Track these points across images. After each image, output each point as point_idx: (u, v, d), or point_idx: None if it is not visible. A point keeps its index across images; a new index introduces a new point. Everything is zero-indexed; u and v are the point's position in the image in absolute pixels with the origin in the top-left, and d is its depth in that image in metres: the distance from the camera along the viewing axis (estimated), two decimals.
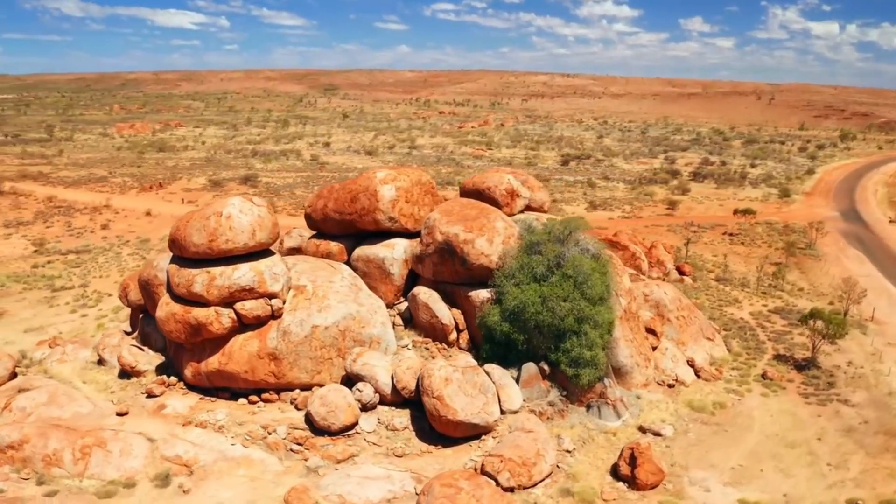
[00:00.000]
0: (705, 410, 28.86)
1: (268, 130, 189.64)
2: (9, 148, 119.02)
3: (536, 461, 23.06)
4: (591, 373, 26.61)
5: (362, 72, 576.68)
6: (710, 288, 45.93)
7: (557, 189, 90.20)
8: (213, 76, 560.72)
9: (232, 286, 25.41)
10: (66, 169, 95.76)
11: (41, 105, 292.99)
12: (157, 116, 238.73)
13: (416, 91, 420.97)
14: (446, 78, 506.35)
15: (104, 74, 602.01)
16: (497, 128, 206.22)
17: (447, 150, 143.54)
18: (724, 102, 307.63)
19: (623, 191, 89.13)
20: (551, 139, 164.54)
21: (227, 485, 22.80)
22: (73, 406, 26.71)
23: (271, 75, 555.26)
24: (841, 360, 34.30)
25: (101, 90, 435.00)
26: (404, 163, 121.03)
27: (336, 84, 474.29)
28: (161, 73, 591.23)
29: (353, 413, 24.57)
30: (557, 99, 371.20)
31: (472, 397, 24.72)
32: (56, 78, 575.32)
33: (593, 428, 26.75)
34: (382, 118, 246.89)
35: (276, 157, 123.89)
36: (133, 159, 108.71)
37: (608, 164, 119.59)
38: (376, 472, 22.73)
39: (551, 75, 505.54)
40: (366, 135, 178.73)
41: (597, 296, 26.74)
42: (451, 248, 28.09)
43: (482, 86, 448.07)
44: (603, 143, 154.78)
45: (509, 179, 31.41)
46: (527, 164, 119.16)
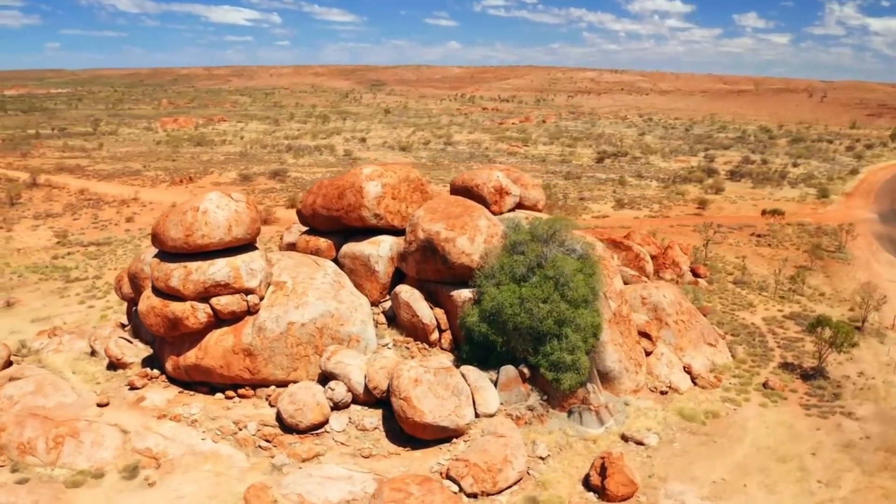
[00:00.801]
0: (696, 419, 27.71)
1: (308, 126, 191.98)
2: (53, 141, 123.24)
3: (503, 467, 22.42)
4: (572, 377, 25.78)
5: (409, 68, 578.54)
6: (726, 291, 44.27)
7: (587, 187, 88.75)
8: (263, 72, 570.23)
9: (207, 281, 25.45)
10: (104, 162, 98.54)
11: (93, 100, 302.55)
12: (202, 111, 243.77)
13: (463, 87, 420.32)
14: (493, 74, 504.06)
15: (157, 70, 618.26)
16: (538, 124, 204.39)
17: (482, 147, 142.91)
18: (774, 100, 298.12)
19: (655, 189, 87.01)
20: (591, 136, 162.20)
21: (191, 479, 22.83)
22: (57, 396, 27.19)
23: (319, 71, 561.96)
24: (852, 370, 32.58)
25: (154, 85, 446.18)
26: (436, 158, 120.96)
27: (383, 80, 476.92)
28: (213, 69, 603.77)
29: (322, 412, 24.33)
30: (604, 95, 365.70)
31: (443, 399, 24.21)
32: (110, 73, 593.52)
33: (573, 434, 25.93)
34: (424, 114, 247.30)
35: (310, 153, 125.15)
36: (168, 153, 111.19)
37: (644, 161, 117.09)
38: (338, 472, 22.42)
39: (599, 71, 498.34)
40: (404, 130, 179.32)
41: (579, 298, 25.87)
42: (432, 247, 27.60)
43: (528, 82, 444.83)
44: (643, 141, 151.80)
45: (498, 177, 30.70)
46: (561, 161, 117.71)
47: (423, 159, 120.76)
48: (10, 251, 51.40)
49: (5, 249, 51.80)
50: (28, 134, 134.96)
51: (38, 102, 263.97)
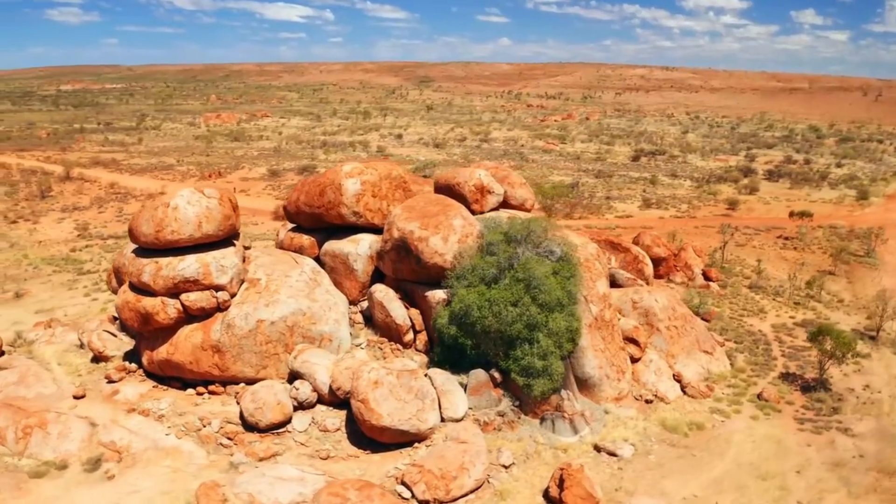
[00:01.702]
0: (678, 431, 26.51)
1: (348, 122, 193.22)
2: (95, 135, 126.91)
3: (458, 475, 21.78)
4: (544, 383, 24.95)
5: (458, 64, 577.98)
6: (739, 295, 42.48)
7: (616, 186, 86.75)
8: (313, 68, 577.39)
9: (176, 277, 25.49)
10: (139, 156, 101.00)
11: (144, 95, 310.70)
12: (248, 107, 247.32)
13: (510, 84, 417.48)
14: (542, 71, 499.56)
15: (211, 66, 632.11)
16: (580, 122, 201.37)
17: (518, 144, 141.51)
18: (827, 98, 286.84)
19: (687, 189, 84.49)
20: (632, 134, 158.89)
21: (149, 474, 22.89)
22: (38, 387, 27.69)
23: (369, 67, 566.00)
24: (858, 382, 30.81)
25: (206, 81, 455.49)
26: (468, 155, 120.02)
27: (431, 76, 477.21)
28: (265, 65, 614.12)
29: (283, 411, 24.09)
30: (653, 93, 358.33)
31: (404, 402, 23.69)
32: (165, 69, 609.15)
33: (544, 443, 25.09)
34: (467, 111, 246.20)
35: (343, 149, 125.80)
36: (203, 148, 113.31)
37: (682, 160, 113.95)
38: (291, 473, 22.12)
39: (650, 68, 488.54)
40: (443, 127, 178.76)
41: (553, 301, 24.99)
42: (406, 246, 27.09)
43: (577, 79, 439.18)
44: (685, 139, 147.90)
45: (479, 175, 29.92)
46: (595, 159, 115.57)
47: (455, 156, 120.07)
48: (31, 243, 52.98)
49: (27, 241, 53.43)
50: (73, 128, 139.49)
51: (90, 97, 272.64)
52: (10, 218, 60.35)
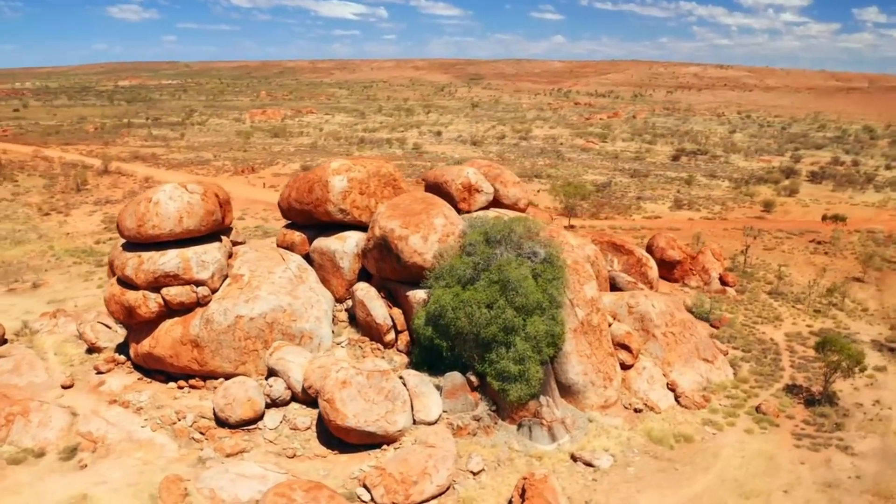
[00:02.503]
0: (664, 443, 25.43)
1: (391, 119, 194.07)
2: (141, 130, 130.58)
3: (419, 479, 21.32)
4: (520, 388, 24.25)
5: (509, 62, 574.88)
6: (756, 302, 40.71)
7: (650, 186, 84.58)
8: (365, 65, 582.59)
9: (157, 271, 25.71)
10: (179, 151, 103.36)
11: (197, 91, 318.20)
12: (296, 104, 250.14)
13: (561, 81, 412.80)
14: (593, 69, 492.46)
15: (265, 63, 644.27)
16: (626, 120, 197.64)
17: (557, 142, 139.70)
18: (886, 98, 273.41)
19: (723, 190, 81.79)
20: (677, 133, 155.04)
21: (119, 465, 23.12)
22: (30, 375, 28.41)
23: (420, 65, 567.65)
24: (868, 397, 29.09)
25: (259, 78, 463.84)
26: (504, 153, 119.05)
27: (482, 74, 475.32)
28: (318, 62, 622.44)
29: (253, 408, 24.04)
30: (705, 91, 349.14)
31: (373, 403, 23.34)
32: (221, 65, 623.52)
33: (519, 450, 24.39)
34: (513, 108, 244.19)
35: (380, 145, 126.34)
36: (241, 144, 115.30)
37: (724, 160, 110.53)
38: (254, 470, 22.04)
39: (703, 66, 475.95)
40: (485, 125, 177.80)
41: (531, 304, 24.26)
42: (387, 244, 26.72)
43: (629, 76, 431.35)
44: (731, 139, 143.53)
45: (467, 173, 29.27)
46: (634, 158, 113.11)
47: (491, 154, 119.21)
48: (59, 235, 54.64)
49: (56, 233, 55.13)
50: (121, 123, 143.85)
51: (144, 93, 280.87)
52: (44, 210, 62.39)
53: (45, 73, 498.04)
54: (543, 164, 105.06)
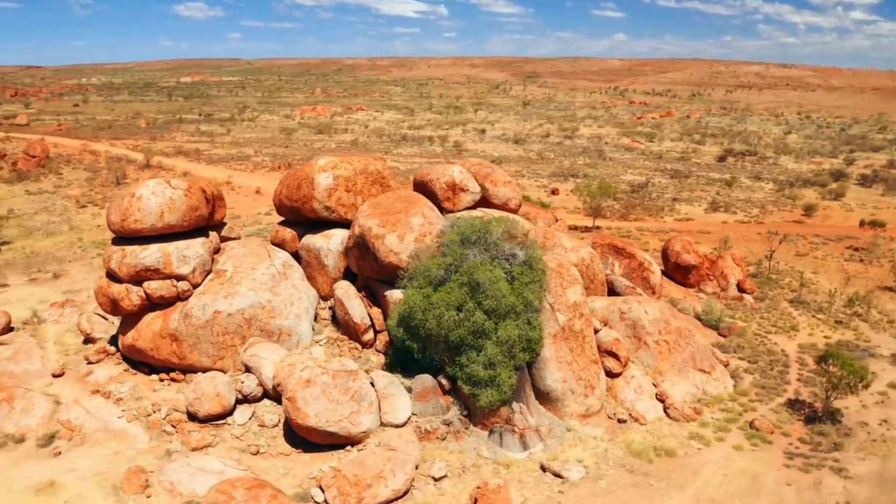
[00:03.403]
0: (643, 456, 24.37)
1: (440, 116, 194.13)
2: (189, 126, 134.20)
3: (373, 483, 20.98)
4: (491, 394, 23.62)
5: (567, 60, 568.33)
6: (775, 310, 38.77)
7: (689, 187, 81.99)
8: (423, 63, 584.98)
9: (138, 265, 26.11)
10: (222, 147, 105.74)
11: (255, 88, 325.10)
12: (348, 101, 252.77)
13: (618, 80, 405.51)
14: (652, 67, 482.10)
15: (325, 60, 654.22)
16: (679, 119, 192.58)
17: (602, 141, 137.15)
18: None
19: (766, 192, 78.62)
20: (729, 133, 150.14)
21: (91, 454, 23.58)
22: (26, 363, 29.32)
23: (477, 62, 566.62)
24: (875, 416, 27.28)
25: (318, 75, 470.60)
26: (544, 152, 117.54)
27: (539, 72, 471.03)
28: (376, 60, 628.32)
29: (221, 403, 24.13)
30: (766, 90, 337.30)
31: (337, 404, 23.11)
32: (282, 62, 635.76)
33: (487, 457, 23.77)
34: (565, 107, 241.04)
35: (420, 143, 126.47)
36: (283, 140, 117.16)
37: (772, 162, 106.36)
38: (214, 466, 22.11)
39: (766, 65, 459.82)
40: (532, 123, 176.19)
41: (503, 308, 23.58)
42: (365, 243, 26.45)
43: (688, 75, 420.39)
44: (785, 140, 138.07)
45: (452, 172, 28.65)
46: (679, 159, 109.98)
47: (531, 152, 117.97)
48: (91, 227, 56.48)
49: (88, 224, 57.03)
50: (173, 119, 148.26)
51: (203, 89, 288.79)
52: (82, 202, 64.68)
53: (111, 70, 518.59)
54: (583, 164, 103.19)
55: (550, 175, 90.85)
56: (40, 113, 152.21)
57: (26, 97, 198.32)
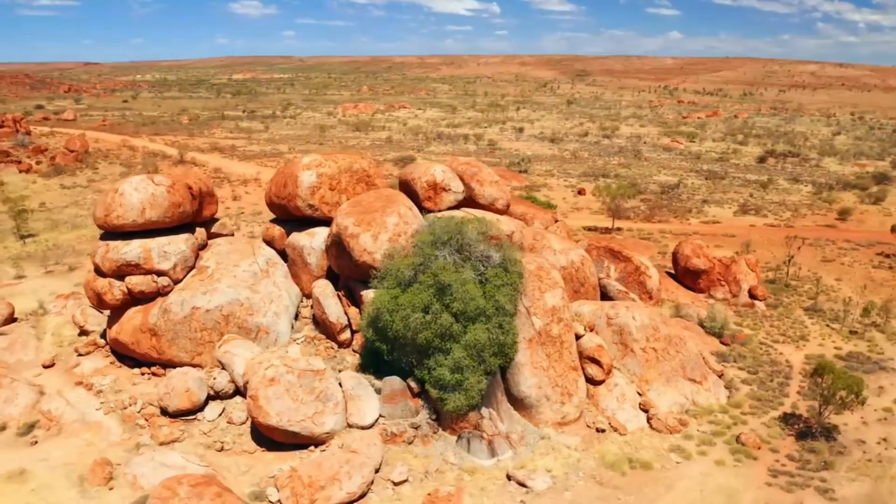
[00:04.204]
0: (617, 468, 23.51)
1: (481, 114, 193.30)
2: (229, 122, 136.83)
3: (328, 485, 20.77)
4: (458, 399, 23.17)
5: (618, 58, 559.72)
6: (787, 318, 37.09)
7: (723, 188, 79.55)
8: (472, 61, 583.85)
9: (119, 260, 26.50)
10: (258, 143, 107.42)
11: (304, 85, 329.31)
12: (393, 98, 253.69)
13: (669, 79, 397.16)
14: (704, 66, 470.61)
15: (376, 58, 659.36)
16: (726, 119, 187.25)
17: (641, 141, 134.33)
18: None
19: (802, 195, 75.66)
20: (775, 134, 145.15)
21: (65, 444, 24.01)
22: (21, 354, 30.12)
23: (527, 60, 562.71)
24: (875, 434, 25.76)
25: (367, 72, 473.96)
26: (578, 152, 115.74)
27: (589, 70, 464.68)
28: (426, 58, 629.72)
29: (190, 399, 24.28)
30: (820, 90, 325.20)
31: (300, 403, 22.98)
32: (333, 60, 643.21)
33: (454, 463, 23.31)
34: (611, 105, 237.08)
35: (455, 141, 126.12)
36: (318, 137, 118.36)
37: (815, 163, 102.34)
38: (176, 461, 22.21)
39: (821, 65, 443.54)
40: (572, 122, 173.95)
41: (471, 311, 23.05)
42: (341, 242, 26.24)
43: (740, 74, 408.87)
44: (833, 141, 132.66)
45: (434, 171, 28.12)
46: (717, 160, 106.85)
47: (565, 151, 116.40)
48: None
49: None
50: (216, 115, 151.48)
51: (252, 86, 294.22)
52: None
53: (167, 67, 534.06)
54: (616, 164, 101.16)
55: (581, 174, 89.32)
56: (89, 109, 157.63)
57: (79, 93, 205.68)
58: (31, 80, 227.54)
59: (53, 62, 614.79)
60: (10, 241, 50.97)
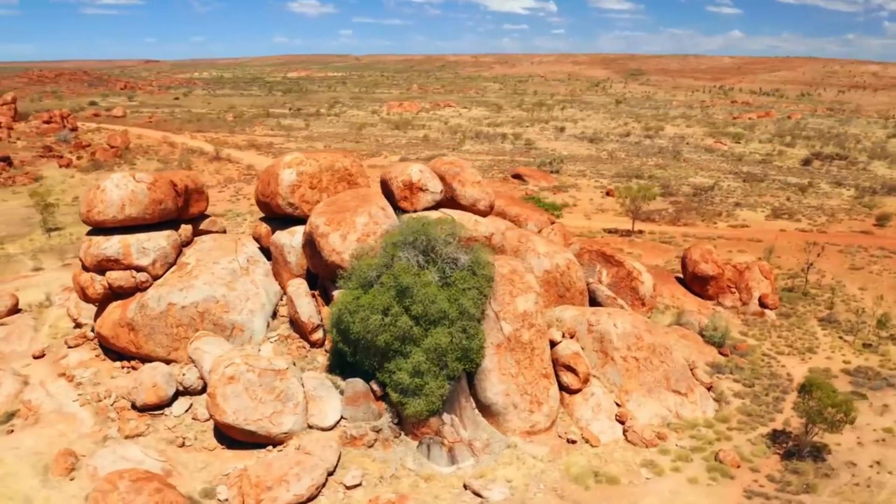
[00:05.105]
0: (581, 482, 22.66)
1: (526, 114, 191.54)
2: (270, 120, 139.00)
3: (275, 486, 20.61)
4: (418, 404, 22.72)
5: (675, 57, 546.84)
6: (798, 329, 35.27)
7: (759, 191, 76.54)
8: (526, 59, 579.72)
9: (100, 255, 26.97)
10: (295, 141, 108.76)
11: (355, 83, 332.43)
12: (442, 97, 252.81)
13: (726, 78, 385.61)
14: (763, 65, 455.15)
15: (430, 56, 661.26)
16: (778, 120, 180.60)
17: (683, 141, 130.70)
18: None
19: (843, 199, 72.16)
20: (826, 136, 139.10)
21: (39, 434, 24.55)
22: (16, 344, 31.04)
23: (580, 59, 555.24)
24: (869, 456, 24.16)
25: (420, 71, 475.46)
26: (616, 152, 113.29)
27: (643, 69, 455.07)
28: (480, 57, 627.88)
29: (157, 394, 24.52)
30: (881, 91, 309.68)
31: (259, 402, 22.91)
32: (388, 59, 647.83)
33: (412, 469, 22.87)
34: (661, 105, 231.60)
35: (492, 140, 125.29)
36: (354, 135, 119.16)
37: (862, 167, 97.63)
38: (136, 455, 22.46)
39: (884, 65, 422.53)
40: (616, 121, 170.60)
41: (432, 314, 22.55)
42: (312, 241, 26.08)
43: (799, 74, 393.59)
44: (886, 144, 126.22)
45: (410, 171, 27.60)
46: (760, 161, 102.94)
47: (602, 152, 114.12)
48: None
49: None
50: (261, 113, 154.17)
51: (304, 85, 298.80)
52: None
53: (225, 65, 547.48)
54: (652, 165, 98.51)
55: (614, 175, 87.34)
56: (141, 105, 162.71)
57: (133, 90, 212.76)
58: (90, 77, 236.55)
59: (116, 60, 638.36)
60: (37, 233, 52.89)
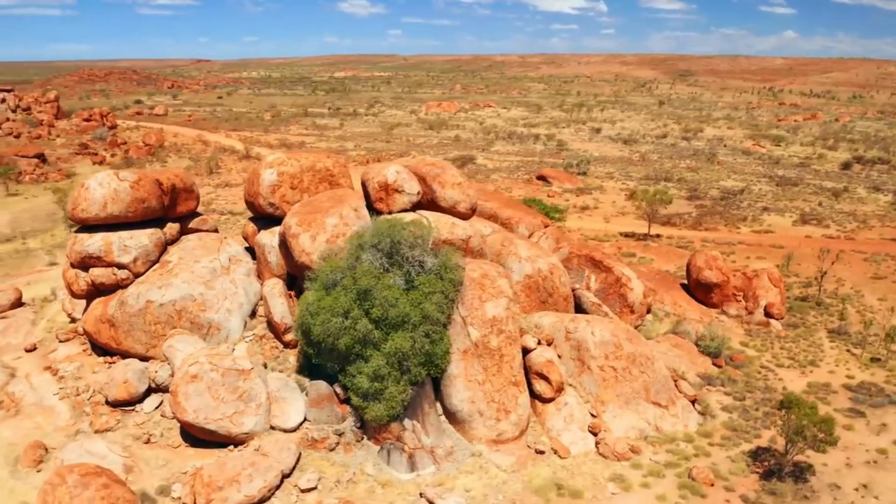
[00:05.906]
0: (542, 494, 22.01)
1: (565, 114, 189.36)
2: (306, 119, 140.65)
3: (226, 486, 20.59)
4: (378, 408, 22.45)
5: (725, 58, 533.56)
6: (804, 340, 33.69)
7: (790, 195, 73.79)
8: (573, 60, 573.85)
9: (83, 252, 27.47)
10: (327, 141, 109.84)
11: (400, 83, 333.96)
12: (484, 97, 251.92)
13: (776, 80, 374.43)
14: (815, 66, 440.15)
15: (477, 56, 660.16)
16: (825, 123, 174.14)
17: (722, 143, 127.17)
18: None
19: (878, 205, 69.11)
20: (872, 139, 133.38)
21: (16, 426, 25.17)
22: (12, 337, 31.92)
23: (628, 59, 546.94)
24: (856, 479, 22.87)
25: (467, 71, 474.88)
26: (649, 154, 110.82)
27: (692, 70, 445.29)
28: (527, 57, 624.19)
29: (128, 390, 24.82)
30: None
31: (221, 402, 22.96)
32: (436, 59, 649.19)
33: (370, 474, 22.59)
34: (706, 106, 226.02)
35: (524, 141, 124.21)
36: (385, 135, 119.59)
37: None
38: (100, 450, 22.75)
39: None
40: (656, 123, 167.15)
41: (393, 318, 22.22)
42: (284, 241, 26.03)
43: (852, 76, 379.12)
44: None
45: (386, 172, 27.22)
46: (798, 165, 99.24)
47: (635, 154, 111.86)
48: None
49: None
50: (300, 112, 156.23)
51: (349, 84, 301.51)
52: None
53: (275, 64, 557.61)
54: (684, 167, 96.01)
55: (643, 177, 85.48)
56: (184, 104, 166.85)
57: (179, 89, 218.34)
58: (139, 76, 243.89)
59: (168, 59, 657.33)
60: (59, 229, 54.54)
